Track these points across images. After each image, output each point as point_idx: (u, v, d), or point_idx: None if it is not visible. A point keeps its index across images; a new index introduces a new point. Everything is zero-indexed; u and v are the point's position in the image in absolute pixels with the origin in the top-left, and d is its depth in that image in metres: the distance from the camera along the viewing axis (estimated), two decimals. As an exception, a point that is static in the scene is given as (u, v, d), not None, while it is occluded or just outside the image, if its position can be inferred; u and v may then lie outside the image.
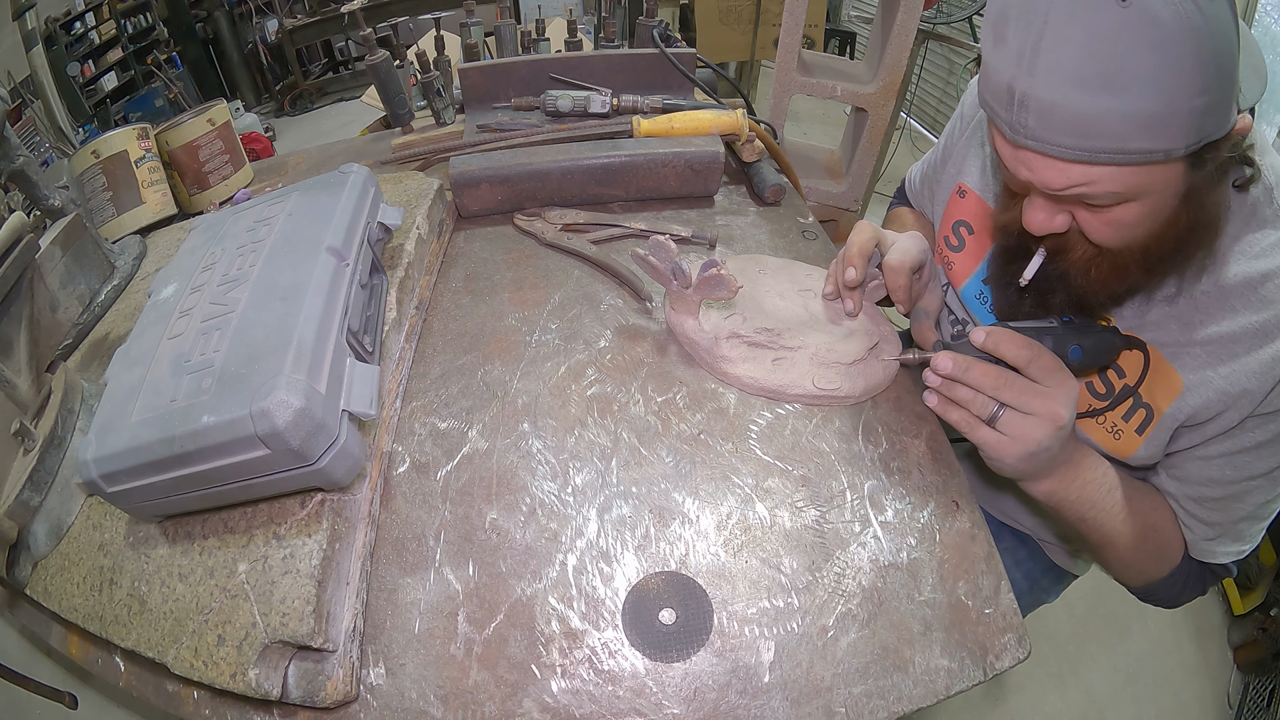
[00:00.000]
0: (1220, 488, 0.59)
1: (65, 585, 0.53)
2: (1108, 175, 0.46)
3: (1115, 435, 0.64)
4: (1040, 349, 0.53)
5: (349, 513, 0.52)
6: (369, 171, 0.67)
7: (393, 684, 0.46)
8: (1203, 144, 0.44)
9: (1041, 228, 0.53)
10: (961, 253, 0.77)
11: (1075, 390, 0.53)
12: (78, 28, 3.54)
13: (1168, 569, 0.65)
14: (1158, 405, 0.60)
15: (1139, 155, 0.43)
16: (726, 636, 0.48)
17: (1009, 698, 1.42)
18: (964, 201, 0.76)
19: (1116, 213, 0.49)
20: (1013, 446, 0.53)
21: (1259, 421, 0.55)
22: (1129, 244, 0.52)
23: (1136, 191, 0.47)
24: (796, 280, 0.72)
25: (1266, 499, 0.60)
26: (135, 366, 0.50)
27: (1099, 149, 0.44)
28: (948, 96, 3.24)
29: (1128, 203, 0.48)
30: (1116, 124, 0.42)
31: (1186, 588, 0.67)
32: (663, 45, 0.96)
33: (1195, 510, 0.62)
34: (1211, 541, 0.63)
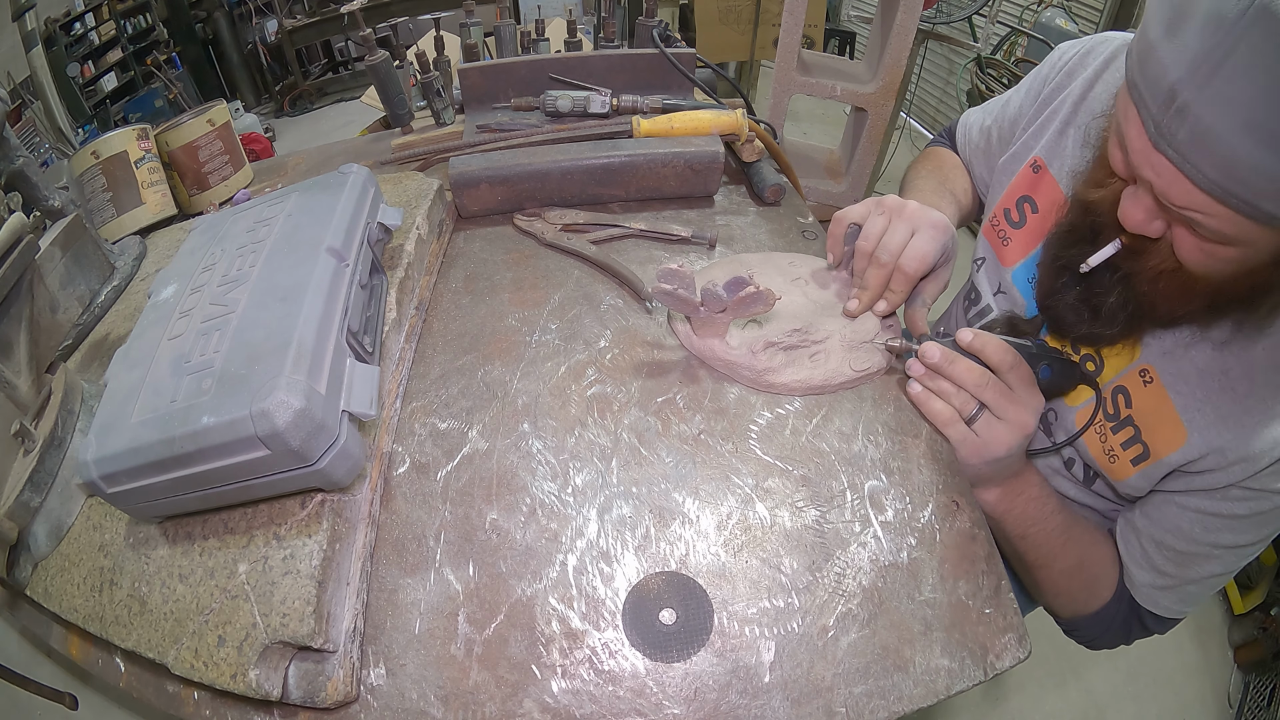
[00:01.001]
0: (1185, 542, 0.59)
1: (65, 586, 0.53)
2: (1226, 216, 0.43)
3: (1111, 459, 0.63)
4: (1020, 359, 0.56)
5: (349, 513, 0.52)
6: (369, 172, 0.67)
7: (393, 684, 0.46)
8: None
9: (1137, 226, 0.50)
10: (1021, 230, 0.72)
11: (1042, 403, 0.57)
12: (77, 28, 3.54)
13: (1096, 605, 0.66)
14: (1156, 450, 0.59)
15: (1266, 217, 0.42)
16: (727, 636, 0.48)
17: (1009, 698, 1.42)
18: (1037, 177, 0.71)
19: (1213, 246, 0.47)
20: (983, 449, 0.56)
21: (1244, 494, 0.55)
22: (1206, 273, 0.50)
23: (1242, 239, 0.45)
24: (784, 271, 0.72)
25: (1220, 573, 0.60)
26: (135, 367, 0.50)
27: (1234, 194, 0.41)
28: (947, 96, 3.24)
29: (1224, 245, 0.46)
30: (1262, 181, 0.40)
31: (1110, 630, 0.67)
32: (662, 45, 0.96)
33: (1153, 554, 0.62)
34: (1159, 591, 0.63)
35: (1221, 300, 0.51)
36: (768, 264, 0.73)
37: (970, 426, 0.56)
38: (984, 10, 2.52)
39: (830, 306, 0.68)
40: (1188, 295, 0.52)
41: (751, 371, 0.62)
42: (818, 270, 0.72)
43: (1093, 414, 0.62)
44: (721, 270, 0.72)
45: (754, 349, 0.62)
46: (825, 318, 0.66)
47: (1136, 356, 0.61)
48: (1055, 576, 0.65)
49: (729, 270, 0.71)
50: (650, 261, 0.77)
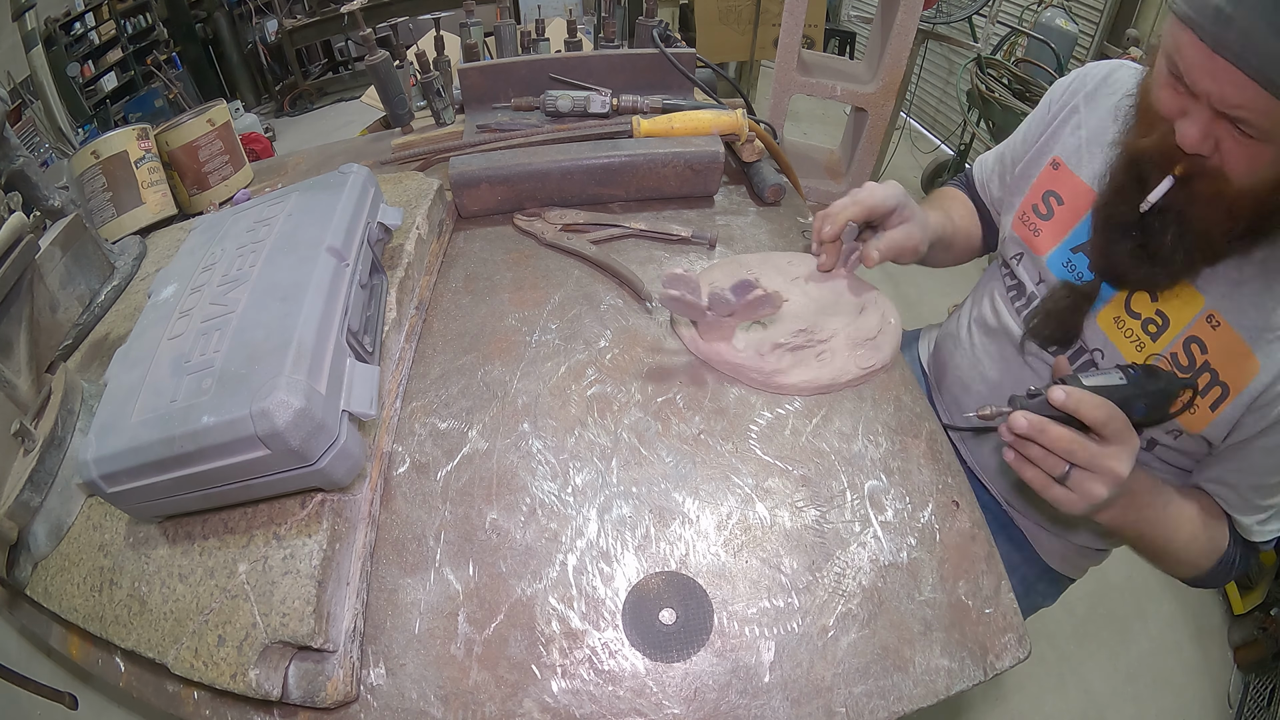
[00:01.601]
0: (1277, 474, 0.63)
1: (65, 586, 0.53)
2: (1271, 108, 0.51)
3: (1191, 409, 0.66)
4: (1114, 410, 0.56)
5: (349, 513, 0.52)
6: (369, 172, 0.67)
7: (393, 684, 0.46)
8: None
9: (1194, 144, 0.57)
10: (1050, 221, 0.79)
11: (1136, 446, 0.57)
12: (77, 28, 3.54)
13: (1216, 557, 0.69)
14: (1235, 385, 0.62)
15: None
16: (727, 636, 0.48)
17: (1009, 698, 1.42)
18: (1057, 173, 0.79)
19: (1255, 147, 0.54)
20: (1080, 503, 0.58)
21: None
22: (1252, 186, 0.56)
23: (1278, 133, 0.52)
24: (783, 271, 0.72)
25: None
26: (135, 367, 0.50)
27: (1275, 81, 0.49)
28: (948, 96, 3.24)
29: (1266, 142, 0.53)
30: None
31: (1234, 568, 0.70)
32: (662, 45, 0.96)
33: (1253, 498, 0.65)
34: (1266, 524, 0.66)
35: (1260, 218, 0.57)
36: (766, 264, 0.73)
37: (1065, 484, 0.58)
38: (984, 10, 2.52)
39: (832, 305, 0.68)
40: (1232, 216, 0.58)
41: (760, 374, 0.62)
42: (812, 268, 0.72)
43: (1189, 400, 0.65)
44: (722, 272, 0.72)
45: (761, 351, 0.62)
46: (828, 317, 0.67)
47: (1201, 305, 0.64)
48: (1177, 555, 0.68)
49: (730, 272, 0.71)
50: (650, 262, 0.77)
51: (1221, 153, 0.57)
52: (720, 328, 0.62)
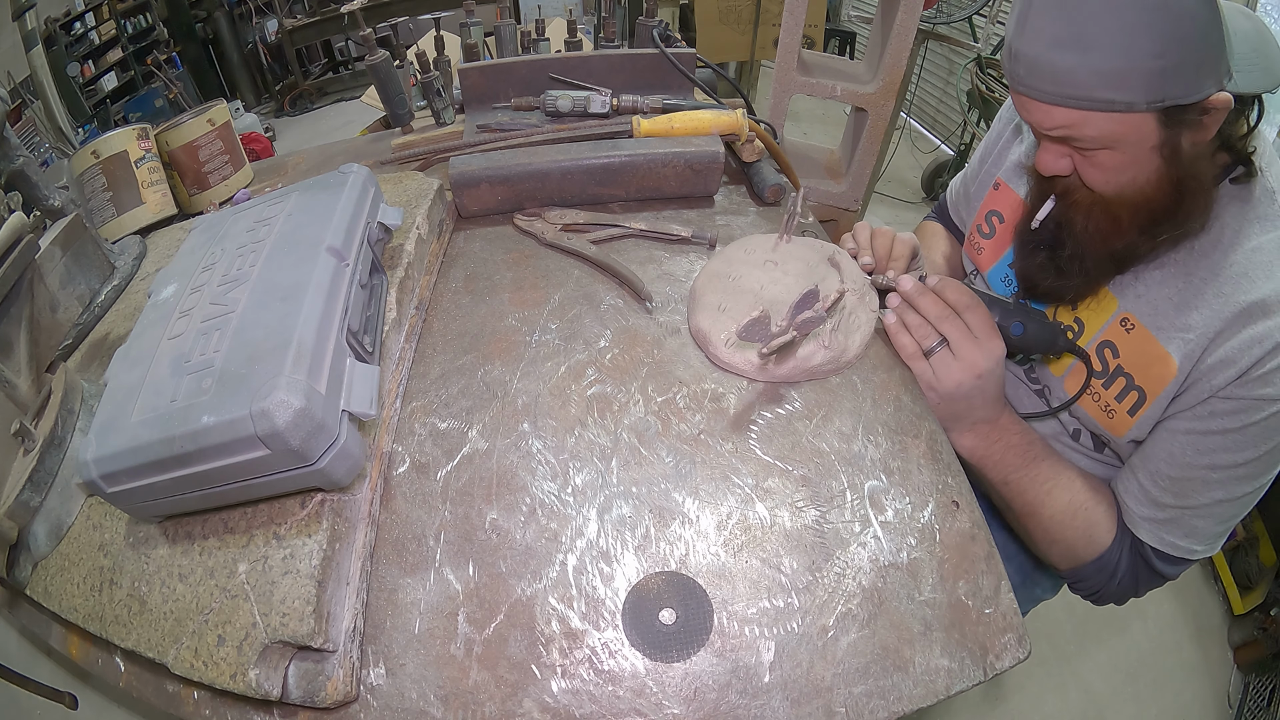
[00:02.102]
0: (1178, 467, 0.61)
1: (65, 585, 0.53)
2: (1084, 120, 0.54)
3: (1109, 415, 0.66)
4: (978, 304, 0.62)
5: (349, 513, 0.52)
6: (369, 171, 0.67)
7: (393, 684, 0.46)
8: (1167, 103, 0.51)
9: (1048, 168, 0.61)
10: (992, 239, 0.83)
11: (1001, 352, 0.61)
12: (78, 28, 3.54)
13: (1095, 551, 0.66)
14: (1150, 389, 0.62)
15: (1103, 104, 0.52)
16: (726, 636, 0.48)
17: (1009, 698, 1.42)
18: (998, 193, 0.83)
19: (1101, 157, 0.57)
20: (938, 383, 0.61)
21: (1229, 405, 0.57)
22: (1119, 194, 0.59)
23: (1112, 139, 0.55)
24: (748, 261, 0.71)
25: (1225, 498, 0.60)
26: (135, 367, 0.50)
27: (1070, 96, 0.53)
28: (948, 96, 3.24)
29: (1109, 150, 0.56)
30: (1084, 76, 0.51)
31: (1115, 578, 0.67)
32: (663, 45, 0.96)
33: (1149, 486, 0.63)
34: (1161, 526, 0.63)
35: (1146, 221, 0.59)
36: (732, 262, 0.72)
37: (928, 360, 0.62)
38: (984, 10, 2.52)
39: (810, 270, 0.69)
40: (1116, 224, 0.60)
41: (834, 363, 0.63)
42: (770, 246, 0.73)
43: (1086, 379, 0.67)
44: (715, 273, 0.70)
45: (824, 343, 0.62)
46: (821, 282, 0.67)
47: (1114, 309, 0.66)
48: (1045, 524, 0.67)
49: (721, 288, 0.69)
50: (650, 262, 0.77)
51: (1078, 170, 0.60)
52: (792, 347, 0.61)
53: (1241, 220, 0.59)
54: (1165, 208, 0.57)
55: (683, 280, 0.75)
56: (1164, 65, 0.49)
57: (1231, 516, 0.62)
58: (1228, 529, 0.63)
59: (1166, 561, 0.64)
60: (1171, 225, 0.58)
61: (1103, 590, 0.69)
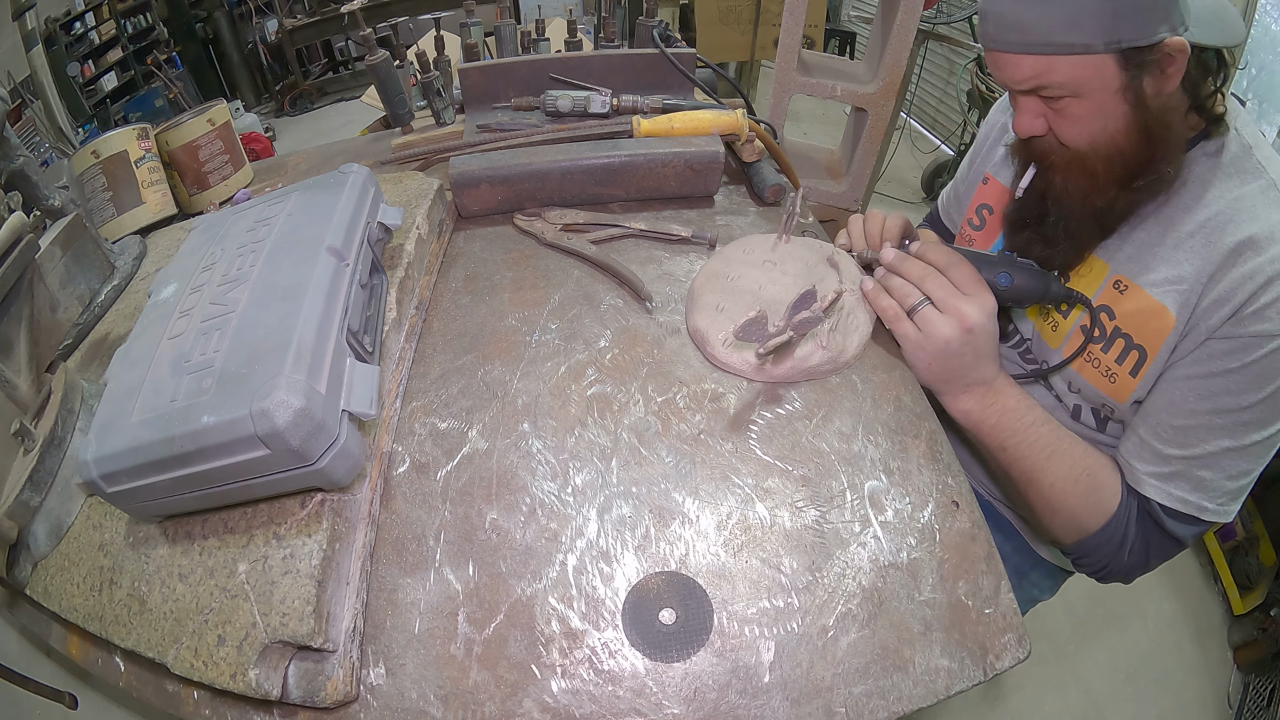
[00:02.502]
0: (1182, 415, 0.59)
1: (65, 585, 0.53)
2: (1049, 67, 0.56)
3: (1110, 379, 0.65)
4: (961, 260, 0.62)
5: (349, 513, 0.52)
6: (369, 171, 0.67)
7: (393, 684, 0.46)
8: (1124, 45, 0.53)
9: (1025, 129, 0.63)
10: (981, 231, 0.84)
11: (990, 304, 0.60)
12: (78, 28, 3.54)
13: (1101, 519, 0.63)
14: (1150, 345, 0.62)
15: (1064, 47, 0.55)
16: (726, 636, 0.48)
17: (1009, 698, 1.42)
18: (987, 187, 0.84)
19: (1071, 108, 0.59)
20: (926, 341, 0.60)
21: (1227, 345, 0.56)
22: (1093, 145, 0.60)
23: (1077, 85, 0.57)
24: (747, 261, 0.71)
25: (1232, 446, 0.58)
26: (135, 366, 0.50)
27: (1034, 42, 0.56)
28: (948, 96, 3.23)
29: (1075, 98, 0.58)
30: (1046, 23, 0.54)
31: (1123, 547, 0.63)
32: (663, 45, 0.96)
33: (1152, 440, 0.61)
34: (1168, 481, 0.61)
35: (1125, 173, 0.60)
36: (731, 262, 0.72)
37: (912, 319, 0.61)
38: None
39: (809, 270, 0.69)
40: (1094, 179, 0.61)
41: (832, 363, 0.62)
42: (769, 246, 0.73)
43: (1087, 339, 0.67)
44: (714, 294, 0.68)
45: (822, 343, 0.62)
46: (819, 283, 0.67)
47: (1105, 273, 0.66)
48: (1046, 492, 0.64)
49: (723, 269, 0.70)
50: (650, 262, 0.77)
51: (1052, 127, 0.62)
52: (789, 347, 0.61)
53: (1219, 175, 0.60)
54: (1137, 157, 0.59)
55: (683, 280, 0.75)
56: (1114, 7, 0.52)
57: (1240, 472, 0.59)
58: (1238, 487, 0.60)
59: (1176, 519, 0.61)
60: (1145, 174, 0.59)
61: (1111, 564, 0.65)
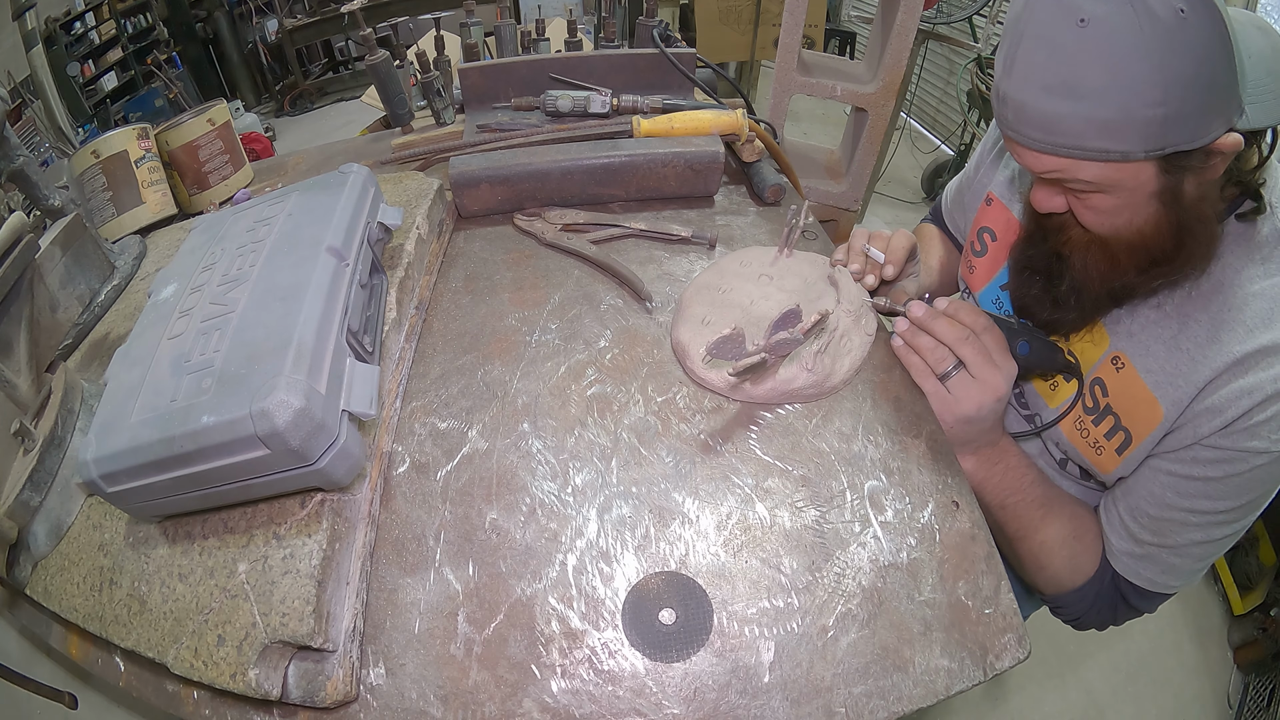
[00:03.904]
0: (1159, 507, 0.60)
1: (65, 585, 0.53)
2: (1076, 166, 0.51)
3: (1097, 451, 0.65)
4: (993, 325, 0.60)
5: (349, 513, 0.52)
6: (369, 171, 0.67)
7: (393, 684, 0.46)
8: (1168, 150, 0.48)
9: (1042, 206, 0.59)
10: (984, 258, 0.80)
11: (1014, 373, 0.60)
12: (78, 28, 3.54)
13: (1081, 579, 0.66)
14: (1137, 432, 0.61)
15: (1097, 153, 0.49)
16: (726, 636, 0.48)
17: (1009, 698, 1.42)
18: (990, 209, 0.80)
19: (1094, 200, 0.55)
20: (956, 406, 0.59)
21: (1214, 454, 0.56)
22: (1116, 234, 0.57)
23: (1106, 184, 0.52)
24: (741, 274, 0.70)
25: (1202, 540, 0.60)
26: (135, 366, 0.50)
27: (1061, 144, 0.50)
28: (948, 96, 3.23)
29: (1101, 193, 0.54)
30: (1076, 125, 0.48)
31: (1094, 607, 0.67)
32: (663, 45, 0.96)
33: (1129, 521, 0.63)
34: (1138, 561, 0.63)
35: (1144, 262, 0.57)
36: (725, 274, 0.71)
37: (945, 383, 0.60)
38: (984, 10, 2.52)
39: (806, 288, 0.68)
40: (1113, 263, 0.58)
41: (816, 387, 0.60)
42: (769, 260, 0.72)
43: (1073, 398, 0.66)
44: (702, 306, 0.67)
45: (807, 366, 0.59)
46: (814, 301, 0.66)
47: (1106, 346, 0.65)
48: (1035, 549, 0.66)
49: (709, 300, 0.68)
50: (650, 262, 0.77)
51: (1073, 209, 0.58)
52: (771, 368, 0.60)
53: (1244, 261, 0.56)
54: (1164, 250, 0.55)
55: (683, 280, 0.75)
56: (1165, 114, 0.45)
57: (1208, 556, 0.62)
58: (1204, 567, 0.63)
59: (1141, 597, 0.64)
60: (1170, 269, 0.56)
61: (1083, 617, 0.69)
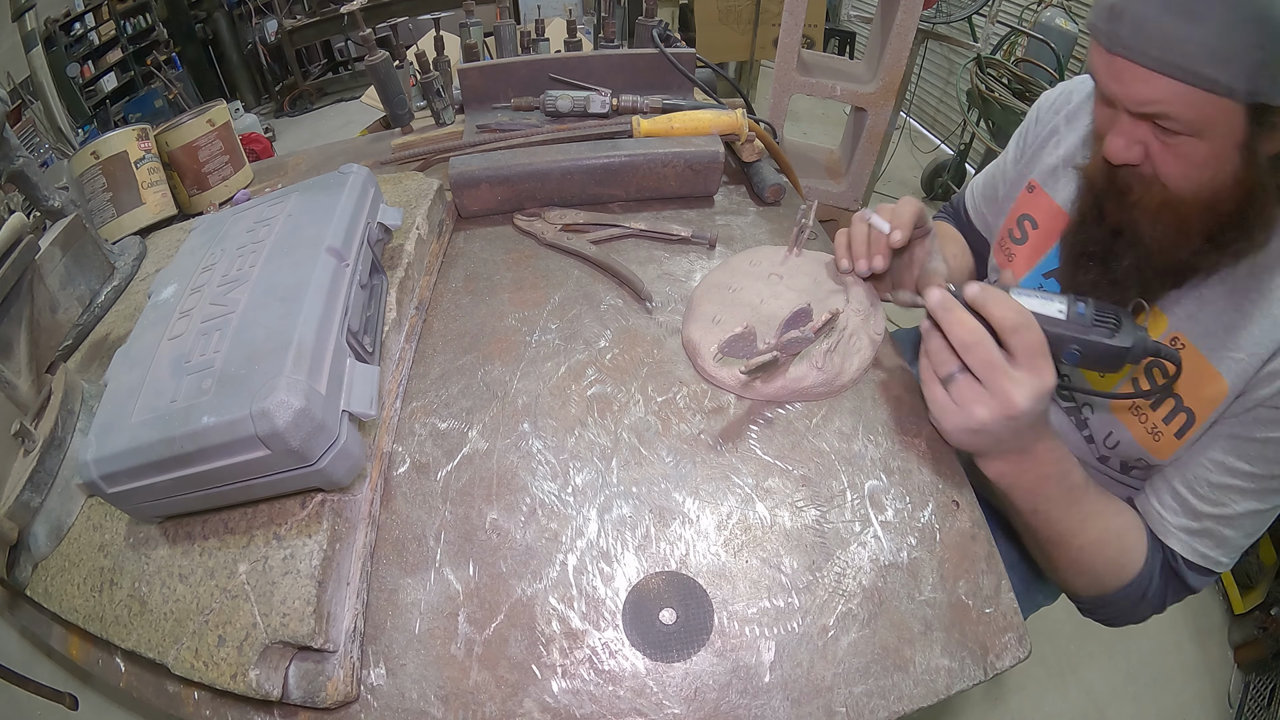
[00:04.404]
0: (1219, 472, 0.58)
1: (65, 586, 0.53)
2: (1182, 97, 0.49)
3: (1155, 437, 0.63)
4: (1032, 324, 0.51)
5: (349, 513, 0.52)
6: (369, 172, 0.67)
7: (393, 684, 0.46)
8: (1259, 100, 0.47)
9: (1120, 155, 0.56)
10: (1024, 245, 0.77)
11: (1047, 385, 0.50)
12: (77, 28, 3.54)
13: (1126, 578, 0.62)
14: (1200, 411, 0.59)
15: (1207, 82, 0.48)
16: (727, 636, 0.48)
17: (1009, 697, 1.42)
18: (1032, 196, 0.77)
19: (1184, 146, 0.52)
20: (955, 415, 0.52)
21: (1275, 415, 0.55)
22: (1195, 192, 0.54)
23: (1202, 125, 0.50)
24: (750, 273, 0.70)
25: (1258, 509, 0.58)
26: (135, 367, 0.50)
27: (1179, 65, 0.48)
28: (948, 96, 3.23)
29: (1195, 138, 0.51)
30: (1193, 48, 0.47)
31: (1143, 603, 0.63)
32: (662, 45, 0.96)
33: (1186, 494, 0.60)
34: (1193, 536, 0.60)
35: (1214, 227, 0.55)
36: (735, 273, 0.71)
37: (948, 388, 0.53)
38: (984, 10, 2.52)
39: (816, 287, 0.68)
40: (1185, 229, 0.55)
41: (826, 386, 0.60)
42: (778, 259, 0.72)
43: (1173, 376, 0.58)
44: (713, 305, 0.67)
45: (817, 364, 0.60)
46: (824, 300, 0.66)
47: (1165, 327, 0.62)
48: (1074, 555, 0.61)
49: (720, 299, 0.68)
50: (650, 262, 0.77)
51: (1153, 160, 0.55)
52: (782, 366, 0.60)
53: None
54: (1234, 214, 0.54)
55: (683, 280, 0.75)
56: (1263, 58, 0.46)
57: (1255, 530, 0.60)
58: (1250, 542, 0.61)
59: (1196, 571, 0.62)
60: (1237, 235, 0.54)
61: (1124, 615, 0.65)
